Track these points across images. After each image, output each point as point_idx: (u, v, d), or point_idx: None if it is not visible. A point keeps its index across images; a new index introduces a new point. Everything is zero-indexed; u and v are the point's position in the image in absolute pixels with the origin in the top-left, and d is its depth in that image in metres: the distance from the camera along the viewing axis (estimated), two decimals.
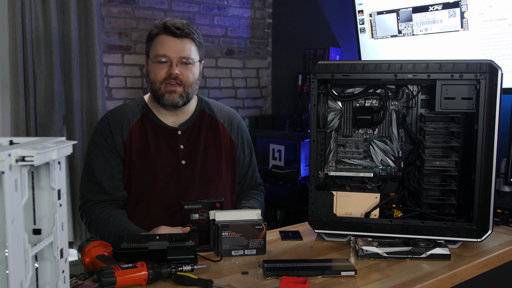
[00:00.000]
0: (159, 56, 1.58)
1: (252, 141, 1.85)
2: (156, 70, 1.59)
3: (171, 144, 1.64)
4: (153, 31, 1.62)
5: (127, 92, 3.11)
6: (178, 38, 1.59)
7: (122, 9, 3.06)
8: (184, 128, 1.67)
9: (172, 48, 1.58)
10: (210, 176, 1.67)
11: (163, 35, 1.59)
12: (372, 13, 2.61)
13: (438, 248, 1.32)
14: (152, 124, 1.65)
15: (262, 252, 1.36)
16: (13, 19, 2.45)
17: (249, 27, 3.69)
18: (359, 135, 1.59)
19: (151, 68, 1.61)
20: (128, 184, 1.62)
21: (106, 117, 1.68)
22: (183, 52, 1.59)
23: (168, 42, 1.58)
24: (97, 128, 1.66)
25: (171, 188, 1.61)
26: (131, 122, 1.64)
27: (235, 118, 1.79)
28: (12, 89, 2.49)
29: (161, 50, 1.58)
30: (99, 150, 1.61)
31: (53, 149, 0.78)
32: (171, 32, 1.59)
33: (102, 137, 1.62)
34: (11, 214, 0.69)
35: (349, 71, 1.42)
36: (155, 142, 1.63)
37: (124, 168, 1.62)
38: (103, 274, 1.10)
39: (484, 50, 2.20)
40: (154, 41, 1.61)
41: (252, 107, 3.78)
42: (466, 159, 1.46)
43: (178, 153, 1.64)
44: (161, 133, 1.65)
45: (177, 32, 1.59)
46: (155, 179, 1.60)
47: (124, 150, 1.61)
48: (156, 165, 1.61)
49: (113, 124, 1.63)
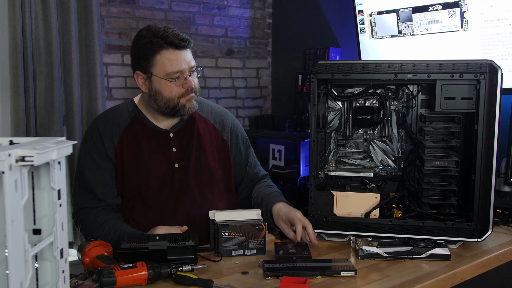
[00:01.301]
0: (173, 73, 1.51)
1: (251, 140, 1.84)
2: (171, 88, 1.53)
3: (164, 147, 1.62)
4: (149, 46, 1.51)
5: (127, 92, 3.11)
6: (184, 49, 1.54)
7: (122, 9, 3.06)
8: (175, 131, 1.64)
9: (183, 62, 1.52)
10: (204, 178, 1.65)
11: (167, 50, 1.51)
12: (372, 13, 2.61)
13: (438, 248, 1.32)
14: (143, 127, 1.62)
15: (262, 252, 1.36)
16: (13, 19, 2.45)
17: (249, 27, 3.69)
18: (359, 135, 1.59)
19: (163, 86, 1.53)
20: (121, 189, 1.59)
21: (96, 122, 1.64)
22: (191, 62, 1.55)
23: (177, 56, 1.51)
24: (87, 134, 1.62)
25: (165, 192, 1.59)
26: (121, 126, 1.60)
27: (227, 118, 1.76)
28: (12, 89, 2.49)
29: (174, 67, 1.51)
30: (90, 156, 1.58)
31: (53, 149, 0.78)
32: (175, 45, 1.51)
33: (93, 143, 1.58)
34: (11, 214, 0.69)
35: (349, 71, 1.42)
36: (147, 145, 1.60)
37: (117, 173, 1.59)
38: (103, 274, 1.10)
39: (484, 50, 2.20)
40: (157, 58, 1.51)
41: (252, 107, 3.78)
42: (466, 159, 1.46)
43: (171, 156, 1.62)
44: (153, 136, 1.62)
45: (182, 43, 1.52)
46: (148, 183, 1.58)
47: (116, 155, 1.58)
48: (149, 169, 1.59)
49: (102, 129, 1.59)
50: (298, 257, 1.30)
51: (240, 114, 3.70)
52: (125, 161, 1.58)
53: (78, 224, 1.59)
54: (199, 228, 1.54)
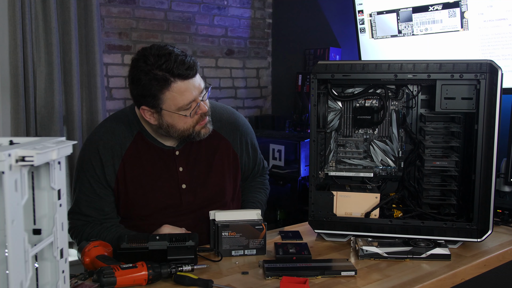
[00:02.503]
0: (185, 106, 1.40)
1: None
2: (185, 120, 1.42)
3: (169, 166, 1.51)
4: (154, 84, 1.36)
5: (127, 92, 3.10)
6: (193, 77, 1.40)
7: (122, 9, 3.06)
8: (181, 148, 1.53)
9: (193, 90, 1.40)
10: (213, 198, 1.57)
11: (176, 84, 1.37)
12: (372, 13, 2.61)
13: (438, 248, 1.32)
14: (147, 145, 1.51)
15: (262, 252, 1.36)
16: (13, 19, 2.45)
17: (249, 27, 3.69)
18: (359, 135, 1.59)
19: (176, 120, 1.42)
20: (124, 212, 1.52)
21: (96, 142, 1.50)
22: (201, 85, 1.43)
23: (187, 86, 1.38)
24: (86, 154, 1.50)
25: (171, 213, 1.52)
26: (123, 147, 1.49)
27: (238, 126, 1.65)
28: (12, 89, 2.49)
29: (186, 99, 1.39)
30: (87, 179, 1.48)
31: (53, 149, 0.78)
32: (183, 76, 1.37)
33: (91, 165, 1.47)
34: (11, 214, 0.69)
35: (349, 71, 1.42)
36: (152, 166, 1.50)
37: (119, 198, 1.50)
38: (103, 274, 1.10)
39: (484, 50, 2.20)
40: (165, 95, 1.37)
41: (252, 107, 3.78)
42: (466, 159, 1.46)
43: (178, 176, 1.52)
44: (158, 155, 1.51)
45: (191, 73, 1.38)
46: (154, 206, 1.50)
47: (116, 181, 1.48)
48: (154, 192, 1.50)
49: (103, 152, 1.47)
50: (298, 257, 1.30)
51: None
52: (129, 185, 1.49)
53: (75, 239, 1.51)
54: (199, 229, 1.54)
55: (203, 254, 1.34)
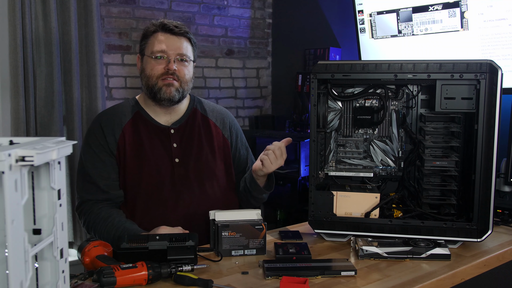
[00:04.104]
0: (156, 52, 1.60)
1: (251, 140, 1.86)
2: (153, 66, 1.61)
3: (164, 142, 1.65)
4: (150, 28, 1.64)
5: (127, 92, 3.11)
6: (176, 35, 1.62)
7: (122, 9, 3.06)
8: (176, 127, 1.68)
9: (170, 45, 1.61)
10: (204, 174, 1.67)
11: (160, 32, 1.62)
12: (372, 13, 2.61)
13: (438, 248, 1.32)
14: (144, 123, 1.66)
15: (262, 252, 1.36)
16: (13, 19, 2.45)
17: (249, 27, 3.69)
18: (359, 135, 1.59)
19: (147, 64, 1.63)
20: (123, 183, 1.62)
21: (98, 118, 1.69)
22: (181, 49, 1.62)
23: (166, 38, 1.61)
24: (90, 129, 1.67)
25: (166, 187, 1.62)
26: (123, 121, 1.65)
27: (227, 117, 1.81)
28: (12, 89, 2.49)
29: (159, 46, 1.60)
30: (92, 150, 1.62)
31: (53, 149, 0.78)
32: (169, 29, 1.61)
33: (95, 137, 1.63)
34: (11, 214, 0.69)
35: (349, 71, 1.42)
36: (149, 141, 1.64)
37: (119, 167, 1.62)
38: (103, 274, 1.10)
39: (484, 50, 2.20)
40: (150, 38, 1.63)
41: (252, 107, 3.78)
42: (466, 159, 1.46)
43: (172, 152, 1.65)
44: (154, 132, 1.66)
45: (175, 29, 1.62)
46: (149, 178, 1.61)
47: (118, 149, 1.62)
48: (150, 164, 1.62)
49: (105, 124, 1.64)
50: (298, 257, 1.30)
51: (240, 114, 3.70)
52: (128, 155, 1.62)
53: (82, 216, 1.61)
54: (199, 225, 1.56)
55: (203, 254, 1.34)
